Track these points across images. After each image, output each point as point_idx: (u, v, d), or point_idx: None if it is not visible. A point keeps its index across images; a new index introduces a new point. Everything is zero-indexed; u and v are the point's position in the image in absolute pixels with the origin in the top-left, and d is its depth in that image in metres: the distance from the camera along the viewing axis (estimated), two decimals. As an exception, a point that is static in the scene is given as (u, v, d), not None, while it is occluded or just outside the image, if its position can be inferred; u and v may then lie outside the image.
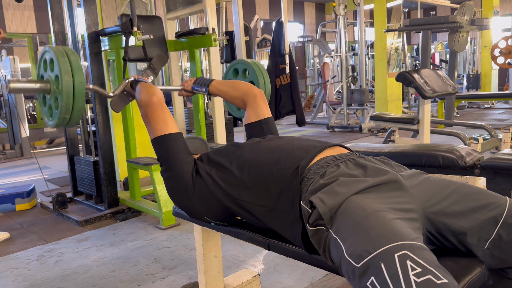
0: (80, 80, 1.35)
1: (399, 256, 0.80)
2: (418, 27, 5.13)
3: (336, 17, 7.34)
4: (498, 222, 0.99)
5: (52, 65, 1.39)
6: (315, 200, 0.98)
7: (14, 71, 6.09)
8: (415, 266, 0.78)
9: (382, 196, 0.99)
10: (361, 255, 0.84)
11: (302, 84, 12.56)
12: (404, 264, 0.79)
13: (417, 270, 0.77)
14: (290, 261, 2.19)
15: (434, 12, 16.04)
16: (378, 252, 0.82)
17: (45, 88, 1.41)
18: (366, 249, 0.84)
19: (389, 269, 0.79)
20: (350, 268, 0.86)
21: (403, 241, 0.83)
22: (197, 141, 1.57)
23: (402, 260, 0.79)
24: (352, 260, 0.85)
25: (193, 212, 1.34)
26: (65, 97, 1.33)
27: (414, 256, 0.80)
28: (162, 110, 1.36)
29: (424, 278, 0.76)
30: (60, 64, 1.34)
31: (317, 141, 1.25)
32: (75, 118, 1.39)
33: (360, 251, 0.84)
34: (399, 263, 0.79)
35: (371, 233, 0.86)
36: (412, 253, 0.80)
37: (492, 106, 9.43)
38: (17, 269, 2.37)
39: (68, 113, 1.36)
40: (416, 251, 0.81)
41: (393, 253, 0.81)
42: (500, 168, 1.75)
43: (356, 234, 0.88)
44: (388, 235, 0.85)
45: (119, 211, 3.19)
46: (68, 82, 1.33)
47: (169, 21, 3.79)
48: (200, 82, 1.74)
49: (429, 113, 3.32)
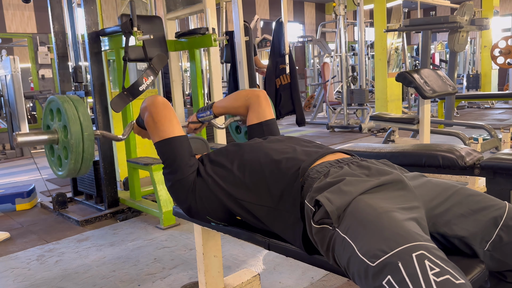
0: (89, 127, 1.34)
1: (417, 256, 0.80)
2: (418, 27, 5.13)
3: (336, 17, 7.34)
4: (498, 224, 1.00)
5: (59, 115, 1.38)
6: (322, 199, 0.97)
7: (14, 71, 6.08)
8: (433, 266, 0.78)
9: (389, 195, 0.99)
10: (376, 254, 0.84)
11: (302, 84, 12.56)
12: (423, 263, 0.79)
13: (435, 270, 0.78)
14: (290, 261, 2.19)
15: (434, 12, 16.04)
16: (395, 252, 0.82)
17: (53, 138, 1.39)
18: (382, 248, 0.83)
19: (407, 268, 0.79)
20: (362, 267, 0.85)
21: (419, 242, 0.83)
22: (198, 142, 1.57)
23: (420, 259, 0.79)
24: (366, 259, 0.85)
25: (195, 213, 1.34)
26: (75, 147, 1.32)
27: (431, 257, 0.80)
28: (168, 110, 1.35)
29: (443, 278, 0.77)
30: (67, 113, 1.32)
31: (319, 146, 1.26)
32: (85, 168, 1.38)
33: (375, 250, 0.84)
34: (418, 263, 0.79)
35: (385, 233, 0.86)
36: (429, 254, 0.81)
37: (492, 106, 9.43)
38: (17, 269, 2.37)
39: (79, 163, 1.35)
40: (432, 251, 0.82)
41: (410, 253, 0.81)
42: (500, 168, 1.75)
43: (369, 233, 0.88)
44: (403, 235, 0.85)
45: (119, 211, 3.19)
46: (77, 132, 1.32)
47: (169, 21, 3.79)
48: (202, 109, 1.70)
49: (429, 113, 3.32)
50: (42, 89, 7.25)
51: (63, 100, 1.36)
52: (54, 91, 7.06)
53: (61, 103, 1.35)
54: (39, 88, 7.40)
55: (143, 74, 1.66)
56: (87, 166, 1.38)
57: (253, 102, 1.57)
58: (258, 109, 1.56)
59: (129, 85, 2.40)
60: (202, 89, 3.39)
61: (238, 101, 1.62)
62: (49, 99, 1.43)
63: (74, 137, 1.32)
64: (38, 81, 7.52)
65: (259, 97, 1.57)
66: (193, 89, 3.37)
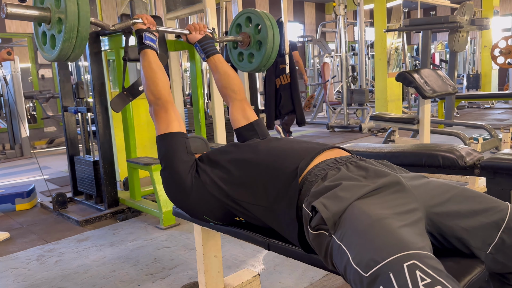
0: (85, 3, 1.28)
1: (408, 266, 0.79)
2: (418, 27, 5.14)
3: (336, 17, 7.33)
4: (500, 226, 0.99)
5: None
6: (318, 206, 0.97)
7: (14, 71, 6.08)
8: (424, 277, 0.77)
9: (385, 200, 0.98)
10: (369, 264, 0.83)
11: (302, 84, 12.56)
12: (414, 274, 0.78)
13: (426, 280, 0.77)
14: (290, 261, 2.19)
15: (434, 12, 16.03)
16: (386, 262, 0.81)
17: (45, 15, 1.32)
18: (374, 258, 0.83)
19: (398, 280, 0.78)
20: (357, 276, 0.85)
21: (411, 251, 0.82)
22: (197, 141, 1.57)
23: (411, 270, 0.79)
24: (360, 269, 0.85)
25: (191, 211, 1.34)
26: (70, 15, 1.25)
27: (423, 266, 0.79)
28: (171, 109, 1.38)
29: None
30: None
31: (316, 143, 1.25)
32: (79, 46, 1.31)
33: (368, 260, 0.84)
34: (408, 274, 0.78)
35: (378, 242, 0.86)
36: (421, 263, 0.80)
37: (492, 106, 9.43)
38: (17, 269, 2.37)
39: (74, 36, 1.28)
40: (424, 260, 0.81)
41: (402, 263, 0.80)
42: (500, 168, 1.75)
43: (362, 242, 0.88)
44: (395, 243, 0.84)
45: (119, 211, 3.19)
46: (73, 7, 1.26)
47: (169, 21, 3.79)
48: (204, 45, 1.68)
49: (429, 113, 3.32)
50: (42, 89, 7.25)
51: None
52: (54, 91, 7.06)
53: None
54: (39, 88, 7.40)
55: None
56: (81, 44, 1.31)
57: (237, 102, 1.61)
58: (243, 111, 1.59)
59: (129, 85, 2.40)
60: (202, 89, 3.39)
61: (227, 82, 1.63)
62: None
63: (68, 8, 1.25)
64: (38, 81, 7.53)
65: (242, 101, 1.62)
66: (193, 89, 3.37)
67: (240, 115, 1.58)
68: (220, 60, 1.67)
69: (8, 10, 1.30)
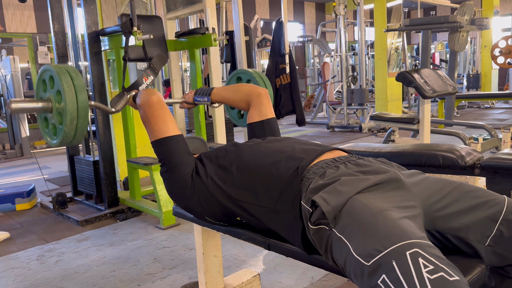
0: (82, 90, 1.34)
1: (411, 254, 0.80)
2: (418, 27, 5.13)
3: (336, 17, 7.33)
4: (498, 218, 1.00)
5: (52, 83, 1.37)
6: (318, 200, 0.97)
7: (14, 71, 6.08)
8: (427, 264, 0.78)
9: (384, 194, 0.99)
10: (370, 253, 0.84)
11: (302, 84, 12.56)
12: (416, 261, 0.79)
13: (429, 267, 0.78)
14: (290, 261, 2.19)
15: (434, 12, 16.04)
16: (389, 250, 0.82)
17: (47, 106, 1.38)
18: (376, 247, 0.84)
19: (401, 267, 0.79)
20: (358, 266, 0.86)
21: (413, 240, 0.83)
22: (196, 141, 1.56)
23: (414, 257, 0.79)
24: (361, 258, 0.85)
25: (193, 212, 1.34)
26: (69, 109, 1.31)
27: (425, 254, 0.80)
28: (162, 110, 1.34)
29: (437, 275, 0.77)
30: (61, 78, 1.32)
31: (317, 144, 1.26)
32: (79, 134, 1.37)
33: (370, 249, 0.84)
34: (411, 261, 0.79)
35: (380, 232, 0.86)
36: (423, 251, 0.80)
37: (492, 106, 9.43)
38: (17, 269, 2.37)
39: (73, 128, 1.34)
40: (426, 249, 0.82)
41: (404, 251, 0.81)
42: (500, 168, 1.75)
43: (364, 233, 0.88)
44: (397, 233, 0.85)
45: (119, 211, 3.19)
46: (71, 93, 1.31)
47: (169, 21, 3.79)
48: (201, 93, 1.71)
49: (429, 113, 3.32)
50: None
51: (56, 68, 1.35)
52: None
53: (55, 70, 1.34)
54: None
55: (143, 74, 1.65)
56: (81, 133, 1.37)
57: (254, 99, 1.57)
58: (260, 106, 1.55)
59: (129, 85, 2.40)
60: (202, 89, 3.39)
61: (239, 94, 1.61)
62: (42, 69, 1.42)
63: (68, 99, 1.31)
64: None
65: (260, 95, 1.57)
66: (193, 89, 3.37)
67: (255, 112, 1.55)
68: (220, 89, 1.67)
69: (12, 106, 1.35)
